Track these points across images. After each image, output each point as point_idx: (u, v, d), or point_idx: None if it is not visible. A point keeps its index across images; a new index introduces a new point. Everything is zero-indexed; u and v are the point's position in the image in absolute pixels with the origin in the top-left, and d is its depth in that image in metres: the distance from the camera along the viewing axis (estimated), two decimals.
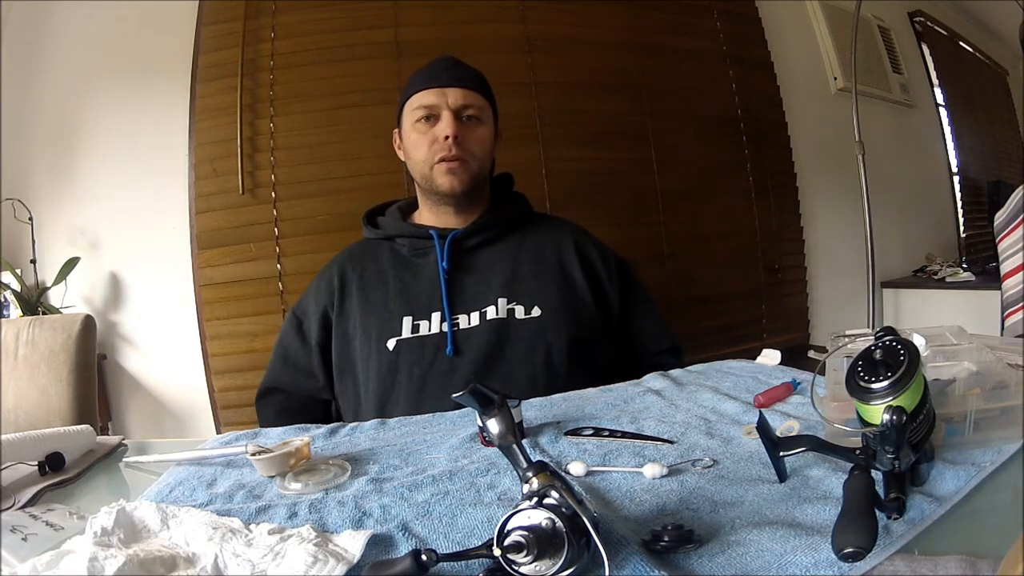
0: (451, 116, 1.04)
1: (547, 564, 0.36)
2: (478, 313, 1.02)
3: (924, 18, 3.31)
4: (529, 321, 1.01)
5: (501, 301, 1.02)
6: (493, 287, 1.04)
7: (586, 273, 1.09)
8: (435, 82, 1.06)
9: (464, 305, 1.03)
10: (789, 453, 0.47)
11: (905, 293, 2.87)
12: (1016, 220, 1.86)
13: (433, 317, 1.02)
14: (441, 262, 1.04)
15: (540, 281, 1.06)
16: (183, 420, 2.13)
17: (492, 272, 1.06)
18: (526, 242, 1.10)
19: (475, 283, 1.05)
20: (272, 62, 2.08)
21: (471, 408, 0.44)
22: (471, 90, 1.07)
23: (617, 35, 2.35)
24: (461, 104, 1.06)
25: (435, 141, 1.05)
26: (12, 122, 2.11)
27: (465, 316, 1.02)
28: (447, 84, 1.06)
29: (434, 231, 1.07)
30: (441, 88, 1.05)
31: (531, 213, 1.19)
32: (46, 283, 2.10)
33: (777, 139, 2.63)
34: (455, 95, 1.05)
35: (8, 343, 1.20)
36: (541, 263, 1.09)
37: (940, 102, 3.35)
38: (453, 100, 1.05)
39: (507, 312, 1.02)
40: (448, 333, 1.00)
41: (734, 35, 2.55)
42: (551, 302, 1.03)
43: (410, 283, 1.06)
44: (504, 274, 1.06)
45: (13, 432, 0.66)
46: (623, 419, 0.67)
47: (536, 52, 2.21)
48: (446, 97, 1.05)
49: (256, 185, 2.05)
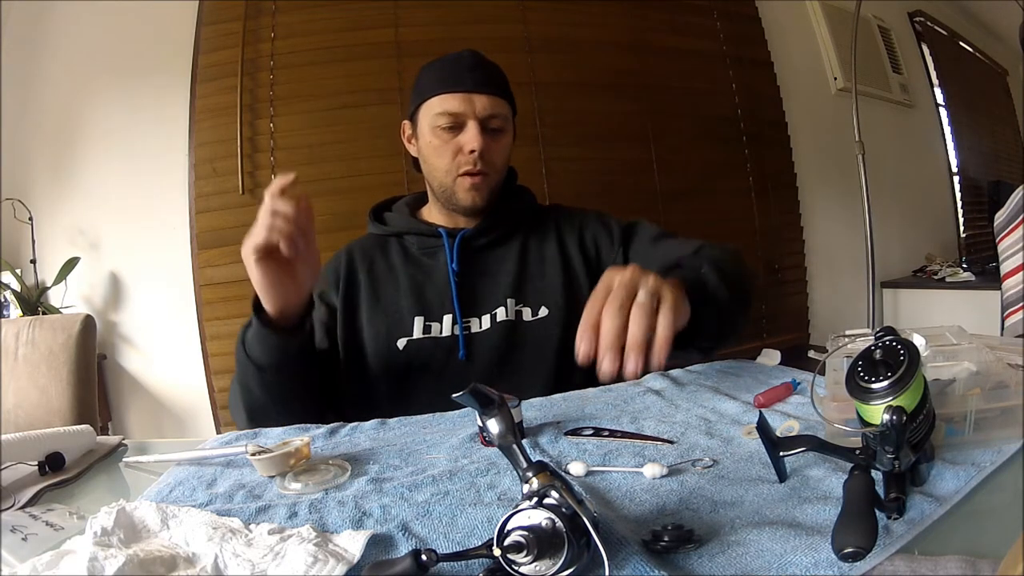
0: (477, 128, 0.98)
1: (547, 564, 0.36)
2: (488, 316, 1.00)
3: (924, 18, 3.32)
4: (536, 323, 1.00)
5: (510, 302, 1.00)
6: (502, 287, 1.02)
7: (587, 263, 1.06)
8: (460, 86, 0.99)
9: (475, 307, 1.01)
10: (789, 453, 0.47)
11: (905, 293, 2.87)
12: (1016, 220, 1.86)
13: (445, 319, 0.99)
14: (451, 263, 1.02)
15: (546, 280, 1.04)
16: (183, 420, 2.14)
17: (500, 272, 1.04)
18: (532, 240, 1.08)
19: (484, 284, 1.03)
20: (272, 62, 2.09)
21: (471, 408, 0.44)
22: (497, 96, 1.02)
23: (617, 35, 2.35)
24: (488, 114, 0.99)
25: (459, 152, 1.00)
26: (12, 122, 2.11)
27: (476, 319, 1.00)
28: (473, 89, 0.99)
29: (443, 230, 1.05)
30: (467, 94, 0.99)
31: (539, 208, 1.15)
32: (46, 283, 2.10)
33: (777, 139, 2.64)
34: (482, 104, 0.99)
35: (8, 343, 1.20)
36: (546, 261, 1.06)
37: (940, 102, 3.35)
38: (480, 109, 0.99)
39: (515, 314, 1.00)
40: (460, 336, 0.98)
41: (734, 35, 2.55)
42: (556, 300, 1.01)
43: (422, 282, 1.03)
44: (511, 274, 1.04)
45: (13, 432, 0.66)
46: (623, 419, 0.67)
47: (536, 52, 2.22)
48: (473, 105, 0.98)
49: (256, 185, 2.05)
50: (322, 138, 2.06)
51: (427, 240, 1.06)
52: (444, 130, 0.99)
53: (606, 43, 2.33)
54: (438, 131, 1.00)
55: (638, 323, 0.59)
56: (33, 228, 2.09)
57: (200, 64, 2.09)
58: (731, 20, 2.56)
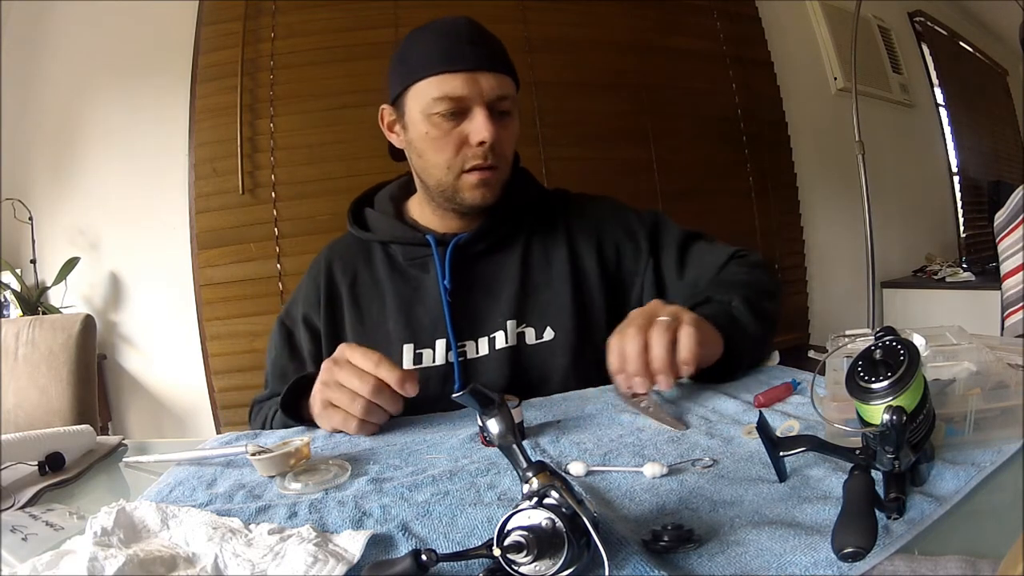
0: (486, 115, 0.82)
1: (547, 564, 0.36)
2: (486, 339, 0.88)
3: (924, 18, 3.32)
4: (541, 347, 0.88)
5: (510, 324, 0.88)
6: (501, 304, 0.90)
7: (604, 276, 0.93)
8: (461, 63, 0.82)
9: (471, 330, 0.89)
10: (789, 453, 0.47)
11: (905, 293, 2.87)
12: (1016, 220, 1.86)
13: (437, 345, 0.88)
14: (443, 280, 0.88)
15: (552, 292, 0.91)
16: (183, 420, 2.14)
17: (500, 285, 0.91)
18: (537, 241, 0.94)
19: (481, 300, 0.90)
20: (272, 62, 2.09)
21: (471, 408, 0.44)
22: (504, 74, 0.85)
23: (617, 35, 2.35)
24: (497, 96, 0.83)
25: (464, 144, 0.84)
26: (12, 122, 2.12)
27: (472, 343, 0.89)
28: (477, 67, 0.82)
29: (432, 237, 0.90)
30: (471, 73, 0.82)
31: (544, 199, 0.99)
32: (46, 283, 2.10)
33: (777, 139, 2.64)
34: (489, 84, 0.82)
35: (8, 343, 1.20)
36: (553, 268, 0.93)
37: (940, 102, 3.35)
38: (488, 90, 0.82)
39: (517, 337, 0.88)
40: (456, 365, 0.86)
41: (734, 35, 2.55)
42: (564, 322, 0.89)
43: (410, 301, 0.90)
44: (512, 286, 0.90)
45: (13, 432, 0.66)
46: (623, 417, 0.67)
47: (536, 52, 2.22)
48: (479, 86, 0.82)
49: (256, 185, 2.05)
50: (322, 138, 2.06)
51: (415, 250, 0.93)
52: (444, 118, 0.83)
53: (606, 43, 2.33)
54: (436, 119, 0.83)
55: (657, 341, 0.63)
56: (33, 228, 2.10)
57: (200, 64, 2.10)
58: (731, 20, 2.56)
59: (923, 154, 3.26)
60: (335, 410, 0.69)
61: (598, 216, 0.98)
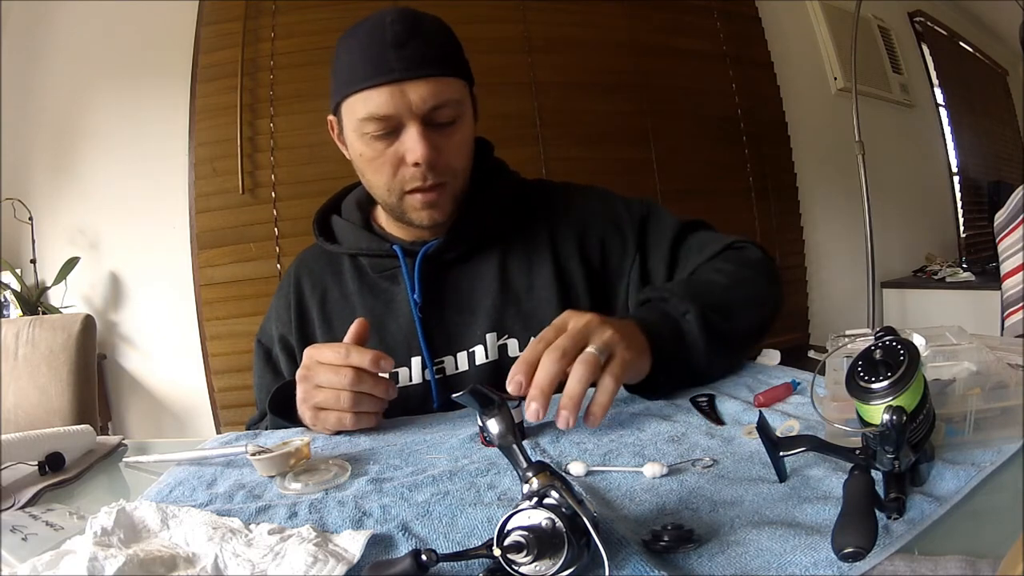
0: (419, 130, 0.74)
1: (547, 564, 0.36)
2: (465, 354, 0.83)
3: (924, 18, 3.32)
4: None
5: (490, 337, 0.82)
6: (479, 316, 0.84)
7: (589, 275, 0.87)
8: (384, 74, 0.73)
9: (447, 345, 0.84)
10: (789, 453, 0.46)
11: (905, 293, 2.87)
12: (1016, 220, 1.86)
13: (413, 363, 0.83)
14: (412, 294, 0.83)
15: (535, 299, 0.85)
16: (183, 420, 2.14)
17: (477, 295, 0.85)
18: (517, 242, 0.87)
19: (457, 313, 0.84)
20: (272, 62, 2.09)
21: (471, 408, 0.44)
22: (439, 76, 0.75)
23: (617, 35, 2.35)
24: (431, 106, 0.74)
25: (400, 164, 0.77)
26: (12, 122, 2.12)
27: (451, 358, 0.83)
28: (404, 76, 0.73)
29: (400, 247, 0.84)
30: (397, 85, 0.73)
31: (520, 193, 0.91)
32: (46, 283, 2.11)
33: (777, 139, 2.64)
34: (420, 95, 0.73)
35: (8, 343, 1.20)
36: (533, 270, 0.86)
37: (940, 102, 3.35)
38: (419, 102, 0.73)
39: (498, 351, 0.82)
40: (432, 383, 0.82)
41: (734, 35, 2.55)
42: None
43: (382, 316, 0.85)
44: (491, 296, 0.84)
45: (13, 432, 0.66)
46: (622, 417, 0.67)
47: (536, 52, 2.22)
48: (407, 99, 0.73)
49: (256, 185, 2.05)
50: (322, 138, 2.04)
51: (384, 261, 0.87)
52: (375, 138, 0.76)
53: (606, 43, 2.33)
54: (368, 139, 0.76)
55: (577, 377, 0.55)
56: (33, 228, 2.10)
57: (200, 64, 2.10)
58: (731, 20, 2.56)
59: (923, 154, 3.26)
60: (326, 413, 0.67)
61: (583, 210, 0.91)
